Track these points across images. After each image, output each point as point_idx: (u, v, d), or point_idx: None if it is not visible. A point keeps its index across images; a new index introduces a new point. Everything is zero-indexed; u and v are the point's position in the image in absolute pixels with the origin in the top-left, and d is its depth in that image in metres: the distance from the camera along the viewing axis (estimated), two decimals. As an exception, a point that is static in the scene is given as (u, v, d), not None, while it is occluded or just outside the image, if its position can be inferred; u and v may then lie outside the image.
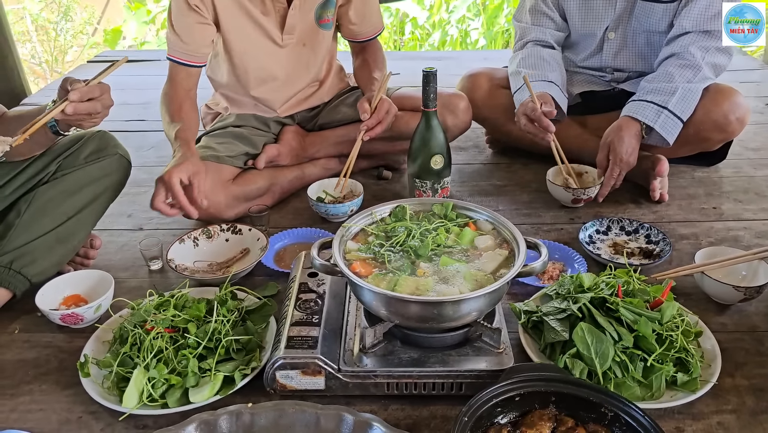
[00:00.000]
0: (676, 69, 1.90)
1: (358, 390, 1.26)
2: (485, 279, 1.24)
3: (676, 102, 1.86)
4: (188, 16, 1.85)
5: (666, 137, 1.87)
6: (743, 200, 2.01)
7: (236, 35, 1.92)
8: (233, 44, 1.94)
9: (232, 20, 1.89)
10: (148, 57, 3.74)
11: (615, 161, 1.87)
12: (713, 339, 1.35)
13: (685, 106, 1.88)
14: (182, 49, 1.88)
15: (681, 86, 1.87)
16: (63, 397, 1.31)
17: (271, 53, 1.98)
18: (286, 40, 1.96)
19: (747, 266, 1.55)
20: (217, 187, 1.84)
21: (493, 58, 3.68)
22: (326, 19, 2.00)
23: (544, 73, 2.03)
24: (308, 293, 1.40)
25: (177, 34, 1.87)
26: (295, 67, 2.03)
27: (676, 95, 1.86)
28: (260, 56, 1.98)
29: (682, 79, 1.88)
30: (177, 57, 1.90)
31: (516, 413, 1.15)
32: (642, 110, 1.88)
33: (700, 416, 1.22)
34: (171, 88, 1.93)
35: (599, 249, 1.73)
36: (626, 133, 1.87)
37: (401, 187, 2.13)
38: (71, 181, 1.59)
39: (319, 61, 2.08)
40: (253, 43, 1.94)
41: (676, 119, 1.87)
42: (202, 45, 1.90)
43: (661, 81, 1.90)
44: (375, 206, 1.46)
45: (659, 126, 1.86)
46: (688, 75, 1.88)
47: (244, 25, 1.91)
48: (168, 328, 1.32)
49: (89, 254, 1.72)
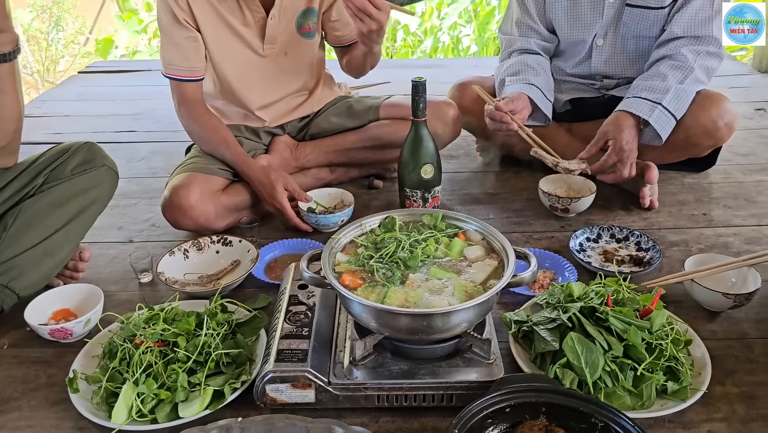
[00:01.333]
0: (669, 69, 1.91)
1: (348, 403, 1.25)
2: (475, 290, 1.24)
3: (669, 100, 1.87)
4: (179, 32, 1.86)
5: (660, 132, 1.87)
6: (733, 206, 2.02)
7: (217, 46, 1.92)
8: (214, 55, 1.94)
9: (213, 32, 1.90)
10: (140, 67, 3.75)
11: (614, 149, 1.87)
12: (703, 347, 1.35)
13: (678, 105, 1.88)
14: (184, 65, 1.90)
15: (674, 86, 1.88)
16: (52, 413, 1.30)
17: (252, 63, 1.98)
18: (268, 50, 1.96)
19: (737, 273, 1.55)
20: (207, 198, 1.83)
21: (484, 65, 3.69)
22: (308, 27, 2.00)
23: (525, 77, 2.04)
24: (298, 306, 1.39)
25: (175, 51, 1.88)
26: (275, 76, 2.03)
27: (670, 93, 1.87)
28: (241, 66, 1.97)
29: (674, 80, 1.89)
30: (178, 75, 1.92)
31: (506, 424, 1.15)
32: (636, 105, 1.88)
33: (690, 424, 1.22)
34: (189, 111, 1.96)
35: (590, 257, 1.74)
36: (624, 124, 1.87)
37: (392, 196, 2.13)
38: (58, 193, 1.58)
39: (302, 71, 2.08)
40: (234, 53, 1.95)
41: (669, 115, 1.87)
42: (199, 59, 1.92)
43: (654, 80, 1.91)
44: (364, 217, 1.46)
45: (654, 120, 1.86)
46: (680, 76, 1.89)
47: (224, 35, 1.91)
48: (157, 342, 1.31)
49: (78, 267, 1.71)
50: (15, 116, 1.52)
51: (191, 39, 1.88)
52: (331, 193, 1.99)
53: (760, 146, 2.43)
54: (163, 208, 1.84)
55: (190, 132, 2.00)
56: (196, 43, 1.89)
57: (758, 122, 2.65)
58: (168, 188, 1.85)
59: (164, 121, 2.85)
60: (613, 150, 1.87)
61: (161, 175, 2.27)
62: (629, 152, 1.87)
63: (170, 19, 1.85)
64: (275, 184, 1.85)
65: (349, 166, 2.19)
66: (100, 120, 2.96)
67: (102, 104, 3.19)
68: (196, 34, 1.88)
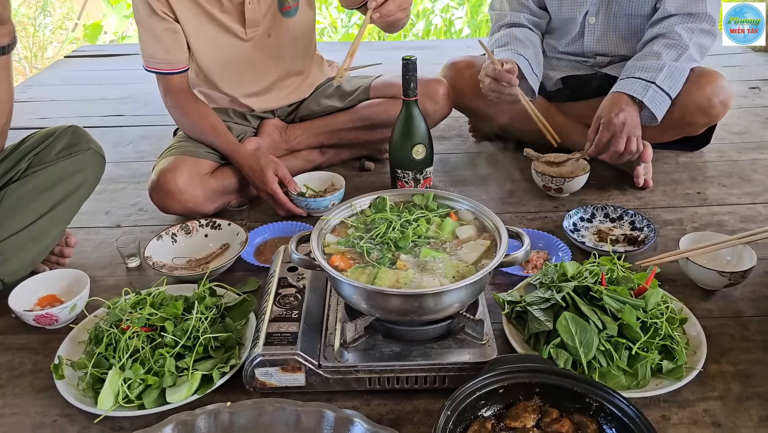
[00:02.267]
0: (663, 48, 1.88)
1: (339, 386, 1.23)
2: (467, 270, 1.22)
3: (663, 78, 1.83)
4: (157, 24, 1.81)
5: (655, 112, 1.84)
6: (727, 185, 2.00)
7: (197, 36, 1.87)
8: (195, 45, 1.89)
9: (192, 21, 1.85)
10: (127, 51, 3.69)
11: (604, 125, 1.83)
12: (698, 325, 1.34)
13: (673, 83, 1.85)
14: (165, 58, 1.86)
15: (668, 64, 1.84)
16: (37, 400, 1.27)
17: (235, 50, 1.93)
18: (251, 33, 1.91)
19: (731, 250, 1.53)
20: (195, 182, 1.80)
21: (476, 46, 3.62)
22: (287, 6, 1.93)
23: (514, 48, 2.01)
24: (288, 288, 1.37)
25: (155, 44, 1.84)
26: (261, 61, 1.98)
27: (663, 72, 1.83)
28: (224, 55, 1.92)
29: (668, 58, 1.85)
30: (160, 68, 1.88)
31: (500, 405, 1.13)
32: (630, 86, 1.85)
33: (685, 403, 1.21)
34: (175, 100, 1.92)
35: (583, 237, 1.72)
36: (616, 102, 1.84)
37: (384, 178, 2.10)
38: (43, 178, 1.55)
39: (288, 53, 2.02)
40: (216, 42, 1.90)
41: (663, 94, 1.84)
42: (181, 51, 1.87)
43: (647, 59, 1.88)
44: (355, 198, 1.43)
45: (648, 100, 1.83)
46: (674, 54, 1.86)
47: (204, 24, 1.86)
48: (144, 327, 1.29)
49: (65, 253, 1.68)
50: (6, 111, 1.50)
51: (170, 31, 1.83)
52: (321, 177, 1.96)
53: (754, 125, 2.41)
54: (151, 192, 1.81)
55: (178, 121, 1.98)
56: (175, 34, 1.84)
57: (752, 101, 2.63)
58: (155, 172, 1.82)
59: (152, 105, 2.80)
60: (604, 127, 1.83)
61: (149, 160, 2.23)
62: (621, 125, 1.81)
63: (147, 12, 1.80)
64: (265, 171, 1.82)
65: (339, 148, 2.16)
66: (87, 104, 2.92)
67: (89, 89, 3.14)
68: (175, 25, 1.83)
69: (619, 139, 1.83)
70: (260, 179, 1.83)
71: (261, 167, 1.82)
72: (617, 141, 1.83)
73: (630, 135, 1.83)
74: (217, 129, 1.90)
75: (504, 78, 1.87)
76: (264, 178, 1.82)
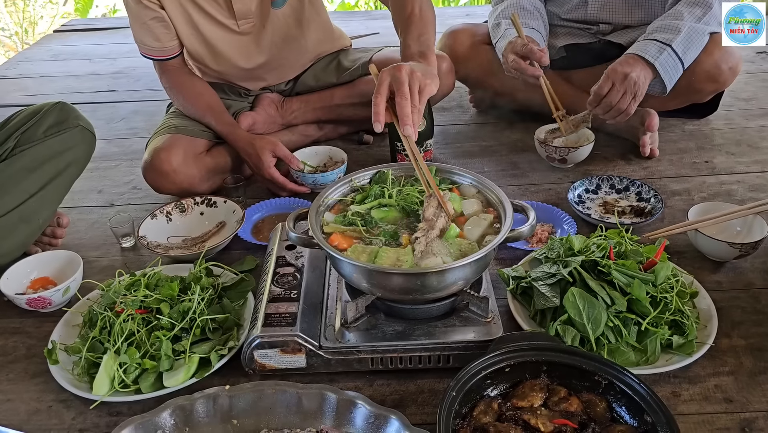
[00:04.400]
0: (686, 7, 1.79)
1: (341, 367, 1.20)
2: (469, 247, 1.18)
3: (680, 41, 1.75)
4: (144, 12, 1.74)
5: (665, 79, 1.76)
6: (736, 153, 1.95)
7: (185, 27, 1.80)
8: (184, 35, 1.82)
9: (178, 11, 1.77)
10: (118, 24, 3.60)
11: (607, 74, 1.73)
12: (709, 299, 1.30)
13: (688, 48, 1.76)
14: (156, 45, 1.81)
15: (688, 25, 1.75)
16: (32, 386, 1.25)
17: (229, 42, 1.85)
18: (243, 26, 1.82)
19: (742, 221, 1.49)
20: (190, 161, 1.75)
21: (475, 14, 3.57)
22: None
23: (525, 21, 1.94)
24: (286, 267, 1.33)
25: (145, 32, 1.78)
26: (254, 51, 1.89)
27: (682, 34, 1.75)
28: (216, 46, 1.85)
29: (691, 18, 1.77)
30: (153, 55, 1.83)
31: (506, 384, 1.10)
32: (644, 47, 1.77)
33: (696, 379, 1.18)
34: (170, 79, 1.88)
35: (589, 209, 1.67)
36: (635, 62, 1.74)
37: (384, 151, 2.04)
38: (31, 157, 1.51)
39: (284, 43, 1.92)
40: (206, 33, 1.82)
41: (677, 60, 1.76)
42: (171, 38, 1.81)
43: (668, 19, 1.79)
44: (354, 173, 1.38)
45: (660, 64, 1.74)
46: (698, 13, 1.78)
47: (191, 14, 1.78)
48: (140, 309, 1.25)
49: (57, 233, 1.64)
50: None
51: (158, 19, 1.76)
52: (318, 152, 1.91)
53: (762, 90, 2.35)
54: (144, 172, 1.76)
55: (175, 101, 1.92)
56: (164, 22, 1.77)
57: (760, 66, 2.57)
58: (148, 151, 1.77)
59: (144, 80, 2.74)
60: (607, 76, 1.74)
61: (142, 136, 2.18)
62: (623, 77, 1.72)
63: (134, 0, 1.73)
64: (261, 154, 1.74)
65: (337, 123, 2.10)
66: (77, 80, 2.85)
67: (79, 64, 3.07)
68: (162, 13, 1.76)
69: (616, 90, 1.74)
70: (256, 164, 1.76)
71: (257, 151, 1.75)
72: (614, 91, 1.74)
73: (628, 91, 1.74)
74: (213, 108, 1.85)
75: (535, 55, 1.80)
76: (260, 163, 1.75)
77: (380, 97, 1.19)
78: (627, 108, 1.76)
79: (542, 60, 1.81)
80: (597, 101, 1.78)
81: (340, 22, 2.26)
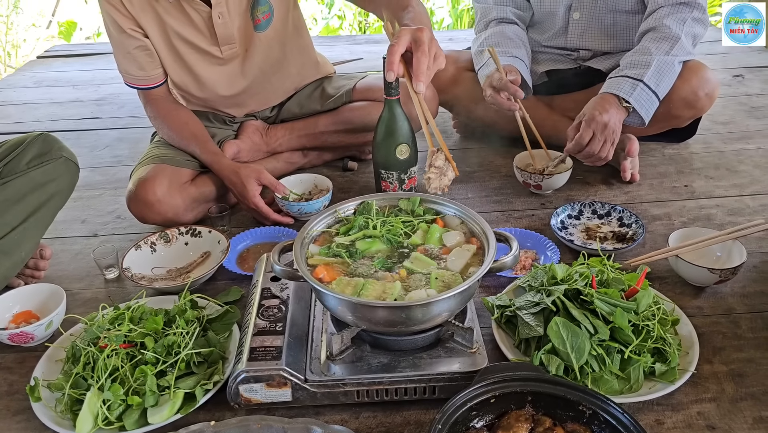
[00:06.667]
0: (653, 42, 1.84)
1: (327, 400, 1.20)
2: (452, 279, 1.19)
3: (651, 75, 1.79)
4: (128, 42, 1.76)
5: (641, 113, 1.80)
6: (714, 177, 1.98)
7: (168, 56, 1.81)
8: (168, 64, 1.83)
9: (161, 39, 1.78)
10: (102, 50, 3.60)
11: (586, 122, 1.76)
12: (690, 325, 1.32)
13: (661, 80, 1.81)
14: (141, 74, 1.82)
15: (656, 59, 1.80)
16: (13, 424, 1.23)
17: (213, 71, 1.86)
18: (227, 51, 1.83)
19: (721, 246, 1.51)
20: (175, 191, 1.75)
21: (458, 38, 3.61)
22: (258, 19, 1.83)
23: (508, 49, 1.97)
24: (271, 299, 1.33)
25: (129, 61, 1.79)
26: (238, 78, 1.90)
27: (652, 67, 1.79)
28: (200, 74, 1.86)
29: (658, 52, 1.81)
30: (138, 84, 1.84)
31: (492, 415, 1.11)
32: (617, 85, 1.81)
33: (679, 406, 1.19)
34: (155, 109, 1.88)
35: (572, 235, 1.69)
36: (609, 104, 1.78)
37: (368, 177, 2.06)
38: (14, 189, 1.49)
39: (267, 69, 1.93)
40: (189, 62, 1.83)
41: (651, 93, 1.80)
42: (155, 67, 1.82)
43: (637, 55, 1.84)
44: (338, 204, 1.39)
45: (634, 99, 1.78)
46: (665, 47, 1.82)
47: (174, 43, 1.79)
48: (124, 343, 1.24)
49: (39, 265, 1.63)
50: None
51: (142, 48, 1.77)
52: (303, 180, 1.92)
53: (739, 114, 2.40)
54: (129, 203, 1.75)
55: (160, 130, 1.92)
56: (148, 51, 1.78)
57: (737, 89, 2.62)
58: (133, 181, 1.76)
59: (129, 107, 2.74)
60: (586, 124, 1.77)
61: (127, 164, 2.18)
62: (603, 126, 1.75)
63: (117, 29, 1.75)
64: (246, 182, 1.74)
65: (322, 150, 2.11)
66: (61, 107, 2.84)
67: (63, 90, 3.06)
68: (147, 42, 1.77)
69: (597, 140, 1.78)
70: (241, 192, 1.76)
71: (241, 179, 1.75)
72: (596, 141, 1.78)
73: (608, 140, 1.78)
74: (198, 137, 1.85)
75: (510, 90, 1.83)
76: (245, 192, 1.75)
77: (397, 48, 1.24)
78: (606, 155, 1.81)
79: (516, 94, 1.84)
80: (578, 149, 1.81)
81: (323, 47, 2.28)
